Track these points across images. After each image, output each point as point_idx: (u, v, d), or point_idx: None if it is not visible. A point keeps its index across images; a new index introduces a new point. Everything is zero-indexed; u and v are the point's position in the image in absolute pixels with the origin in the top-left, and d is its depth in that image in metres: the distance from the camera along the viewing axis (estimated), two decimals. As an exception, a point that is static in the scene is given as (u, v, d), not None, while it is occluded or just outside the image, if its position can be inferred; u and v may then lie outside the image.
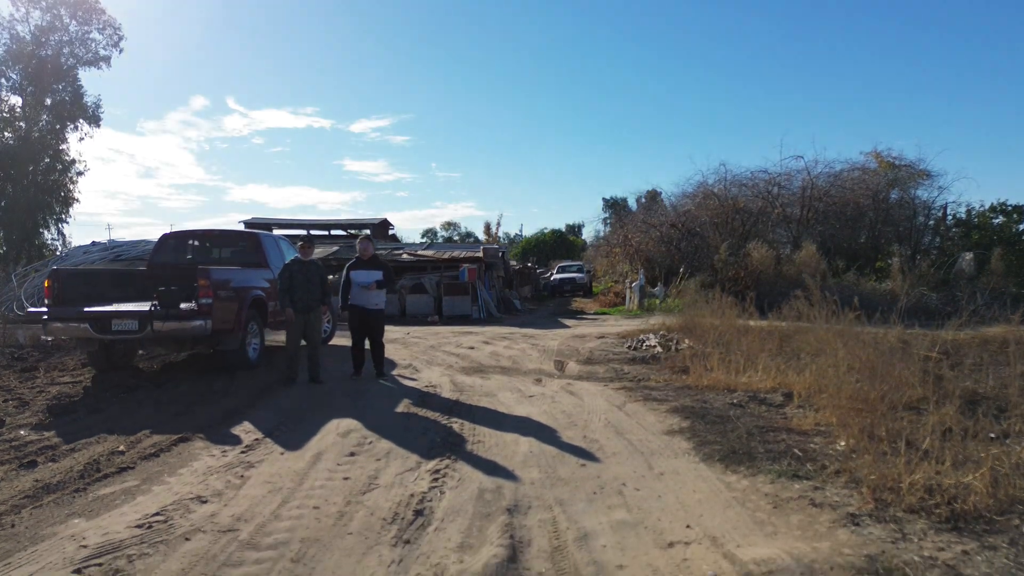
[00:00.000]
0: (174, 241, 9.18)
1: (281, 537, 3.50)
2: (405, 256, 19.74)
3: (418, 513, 3.87)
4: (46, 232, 29.17)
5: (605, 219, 29.81)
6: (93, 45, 29.53)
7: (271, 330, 9.10)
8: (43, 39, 28.52)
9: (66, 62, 28.95)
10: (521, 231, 58.09)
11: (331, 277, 10.38)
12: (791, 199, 21.83)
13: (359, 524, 3.71)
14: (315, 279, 7.49)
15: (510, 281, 23.12)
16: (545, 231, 56.06)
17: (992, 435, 4.78)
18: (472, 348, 11.23)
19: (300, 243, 7.55)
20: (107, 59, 29.54)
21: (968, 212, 20.07)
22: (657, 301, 19.21)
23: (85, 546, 3.29)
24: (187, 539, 3.43)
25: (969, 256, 19.86)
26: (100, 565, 3.09)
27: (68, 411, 6.12)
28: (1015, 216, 17.82)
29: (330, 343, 10.54)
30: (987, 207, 19.04)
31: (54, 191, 29.00)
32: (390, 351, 9.42)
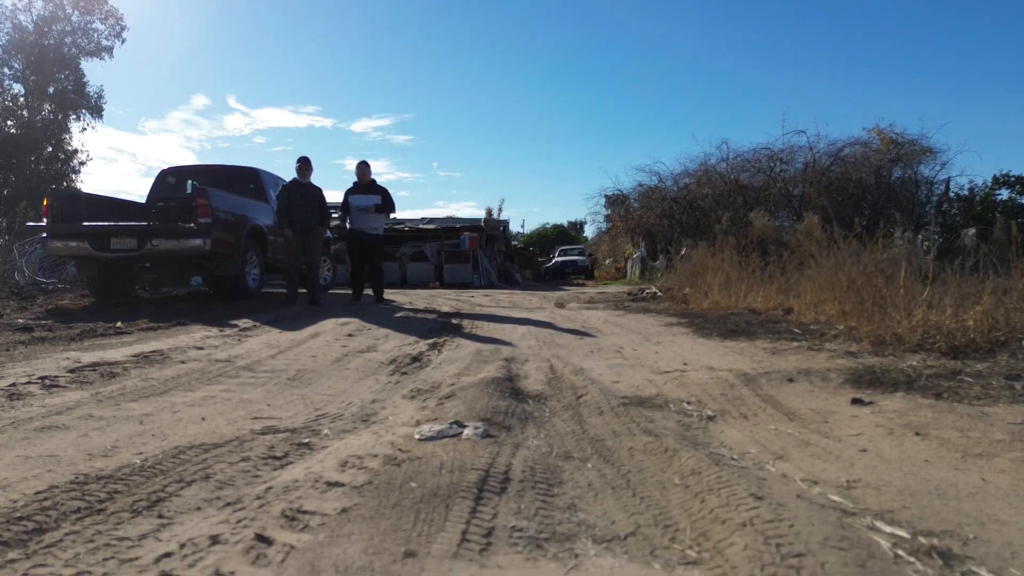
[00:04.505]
0: (174, 178, 9.16)
1: (278, 368, 3.49)
2: (406, 229, 19.72)
3: (415, 359, 3.87)
4: (48, 222, 29.15)
5: (607, 216, 29.68)
6: (95, 35, 29.44)
7: (269, 274, 9.06)
8: (45, 28, 28.47)
9: (68, 51, 28.90)
10: (523, 227, 57.80)
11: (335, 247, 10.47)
12: (793, 179, 21.77)
13: (357, 365, 3.70)
14: (313, 201, 7.47)
15: (511, 257, 23.11)
16: (547, 226, 55.84)
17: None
18: (472, 297, 11.23)
19: (297, 164, 7.51)
20: (109, 49, 29.43)
21: (971, 190, 20.04)
22: (659, 274, 19.19)
23: (80, 362, 3.28)
24: (182, 363, 3.42)
25: (972, 232, 19.83)
26: (95, 370, 3.08)
27: (66, 313, 6.12)
28: (1018, 187, 17.77)
29: (329, 292, 10.52)
30: (990, 181, 19.02)
31: (56, 181, 28.97)
32: (390, 299, 9.40)
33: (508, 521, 1.38)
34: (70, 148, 29.50)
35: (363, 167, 7.84)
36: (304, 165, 7.50)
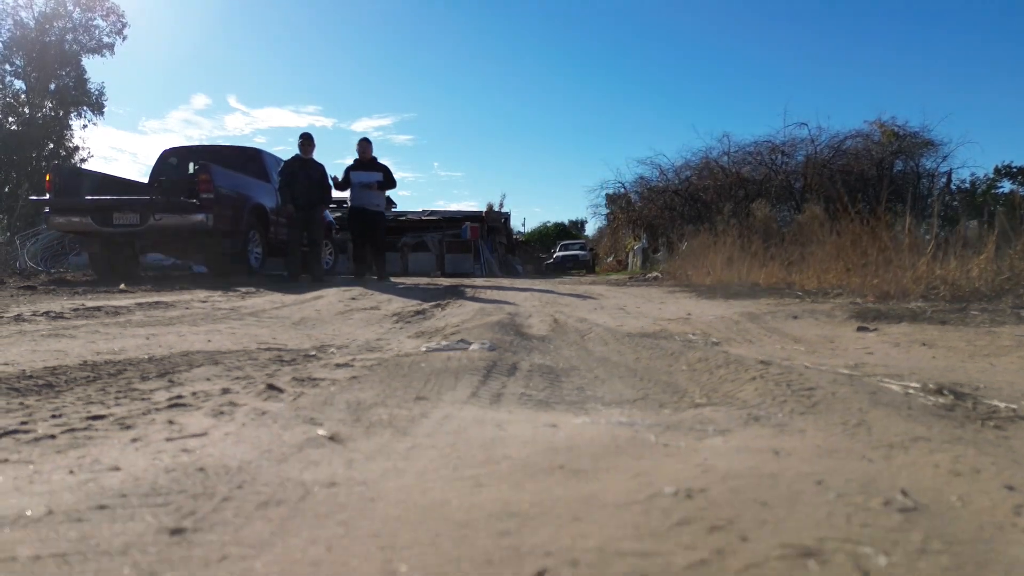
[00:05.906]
0: (175, 158, 9.15)
1: (282, 316, 3.49)
2: (408, 219, 19.73)
3: (419, 313, 3.87)
4: (49, 218, 29.17)
5: (608, 214, 29.75)
6: (96, 32, 29.25)
7: (271, 257, 9.06)
8: (47, 25, 28.34)
9: (69, 48, 28.77)
10: (524, 225, 57.65)
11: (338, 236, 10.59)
12: (795, 171, 21.74)
13: (361, 317, 3.70)
14: (315, 177, 7.46)
15: (512, 249, 23.11)
16: (548, 224, 55.65)
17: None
18: (473, 282, 11.26)
19: (300, 140, 7.50)
20: (111, 47, 29.25)
21: (973, 183, 20.05)
22: (660, 267, 19.20)
23: (84, 305, 3.28)
24: (187, 308, 3.42)
25: (973, 224, 19.83)
26: (100, 310, 3.09)
27: (69, 284, 6.12)
28: (1021, 178, 17.76)
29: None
30: (991, 173, 19.00)
31: (58, 177, 28.82)
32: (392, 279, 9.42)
33: (517, 390, 1.38)
34: (71, 145, 29.34)
35: (364, 144, 7.82)
36: (306, 141, 7.49)
